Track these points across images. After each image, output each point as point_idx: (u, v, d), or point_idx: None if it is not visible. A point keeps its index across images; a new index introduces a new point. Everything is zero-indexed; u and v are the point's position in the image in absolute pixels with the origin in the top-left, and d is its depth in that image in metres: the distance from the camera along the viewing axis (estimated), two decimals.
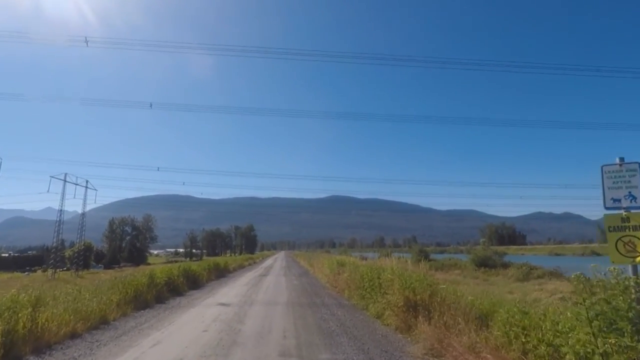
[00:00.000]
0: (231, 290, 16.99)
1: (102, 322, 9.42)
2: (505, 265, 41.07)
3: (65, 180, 66.15)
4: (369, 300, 11.11)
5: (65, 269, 61.61)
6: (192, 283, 19.32)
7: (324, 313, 10.81)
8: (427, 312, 7.95)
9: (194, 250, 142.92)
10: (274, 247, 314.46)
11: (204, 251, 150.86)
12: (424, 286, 8.50)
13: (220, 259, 35.56)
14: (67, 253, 69.48)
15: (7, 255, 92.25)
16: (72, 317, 8.48)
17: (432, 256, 62.12)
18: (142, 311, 11.43)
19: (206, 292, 16.39)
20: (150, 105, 42.15)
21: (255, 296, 14.60)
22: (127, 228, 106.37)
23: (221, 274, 27.30)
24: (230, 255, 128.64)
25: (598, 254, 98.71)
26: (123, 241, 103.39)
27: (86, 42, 30.08)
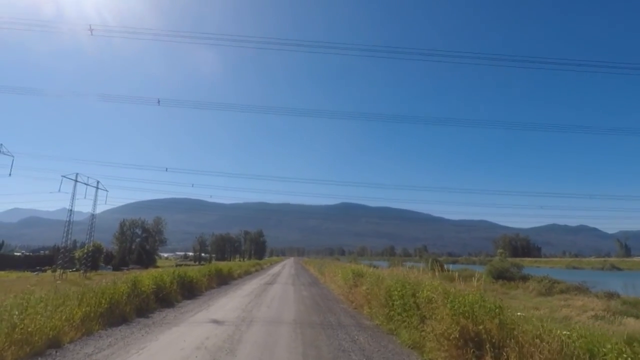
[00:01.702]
0: (230, 302, 14.63)
1: (51, 346, 7.16)
2: (524, 278, 38.58)
3: (76, 180, 65.44)
4: (400, 323, 8.63)
5: (74, 269, 61.00)
6: (188, 291, 17.07)
7: (342, 339, 8.35)
8: (496, 351, 5.47)
9: (203, 254, 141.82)
10: (283, 253, 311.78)
11: (213, 255, 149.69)
12: (487, 312, 6.02)
13: (223, 265, 33.30)
14: (77, 254, 69.27)
15: (19, 254, 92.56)
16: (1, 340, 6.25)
17: (445, 267, 59.19)
18: (114, 329, 9.14)
19: (201, 304, 14.06)
20: (158, 102, 40.36)
21: (256, 311, 12.20)
22: (137, 230, 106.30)
23: (224, 280, 24.99)
24: (239, 260, 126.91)
25: (619, 269, 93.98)
26: (133, 243, 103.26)
27: (90, 30, 28.52)
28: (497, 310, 6.10)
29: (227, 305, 13.69)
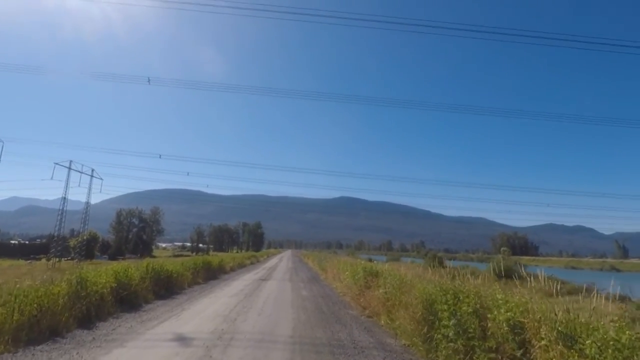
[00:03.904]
0: (212, 304, 11.73)
1: None
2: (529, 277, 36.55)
3: (70, 168, 62.84)
4: (451, 353, 5.74)
5: (69, 258, 59.70)
6: (165, 289, 14.22)
7: None
8: None
9: (200, 245, 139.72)
10: (280, 245, 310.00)
11: (211, 246, 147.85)
12: None
13: (213, 257, 30.53)
14: (72, 242, 68.38)
15: (15, 242, 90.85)
16: None
17: (444, 263, 56.87)
18: (28, 350, 6.26)
19: (174, 307, 11.16)
20: (148, 81, 37.31)
21: (242, 320, 9.29)
22: (134, 220, 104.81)
23: (212, 275, 22.15)
24: (237, 252, 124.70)
25: (619, 270, 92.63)
26: (130, 233, 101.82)
27: None
28: None
29: (207, 309, 10.79)
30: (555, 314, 4.31)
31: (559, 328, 4.04)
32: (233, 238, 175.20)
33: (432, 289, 7.03)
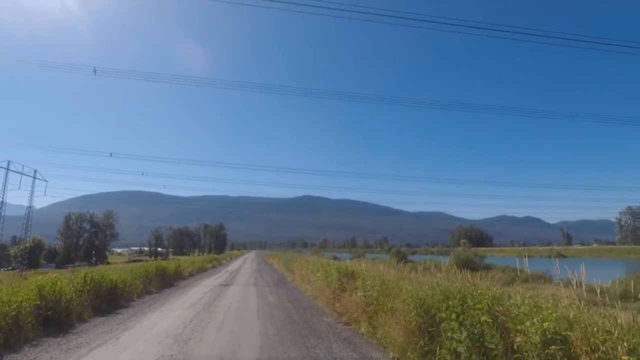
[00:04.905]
0: (162, 320, 9.96)
1: None
2: (487, 268, 37.91)
3: (7, 169, 56.50)
4: None
5: (9, 268, 54.66)
6: (108, 303, 12.17)
7: None
8: None
9: (159, 249, 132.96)
10: (244, 246, 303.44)
11: (170, 250, 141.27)
12: None
13: (170, 262, 28.18)
14: (13, 251, 63.15)
15: None
16: None
17: (407, 257, 57.73)
18: None
19: (115, 325, 9.29)
20: (94, 71, 33.94)
21: (197, 340, 7.69)
22: (85, 224, 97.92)
23: (168, 282, 20.01)
24: (199, 255, 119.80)
25: (564, 256, 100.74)
26: (80, 238, 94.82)
27: None
28: None
29: (155, 326, 9.04)
30: (620, 324, 3.28)
31: (629, 346, 2.99)
32: (194, 241, 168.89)
33: (427, 292, 5.91)
